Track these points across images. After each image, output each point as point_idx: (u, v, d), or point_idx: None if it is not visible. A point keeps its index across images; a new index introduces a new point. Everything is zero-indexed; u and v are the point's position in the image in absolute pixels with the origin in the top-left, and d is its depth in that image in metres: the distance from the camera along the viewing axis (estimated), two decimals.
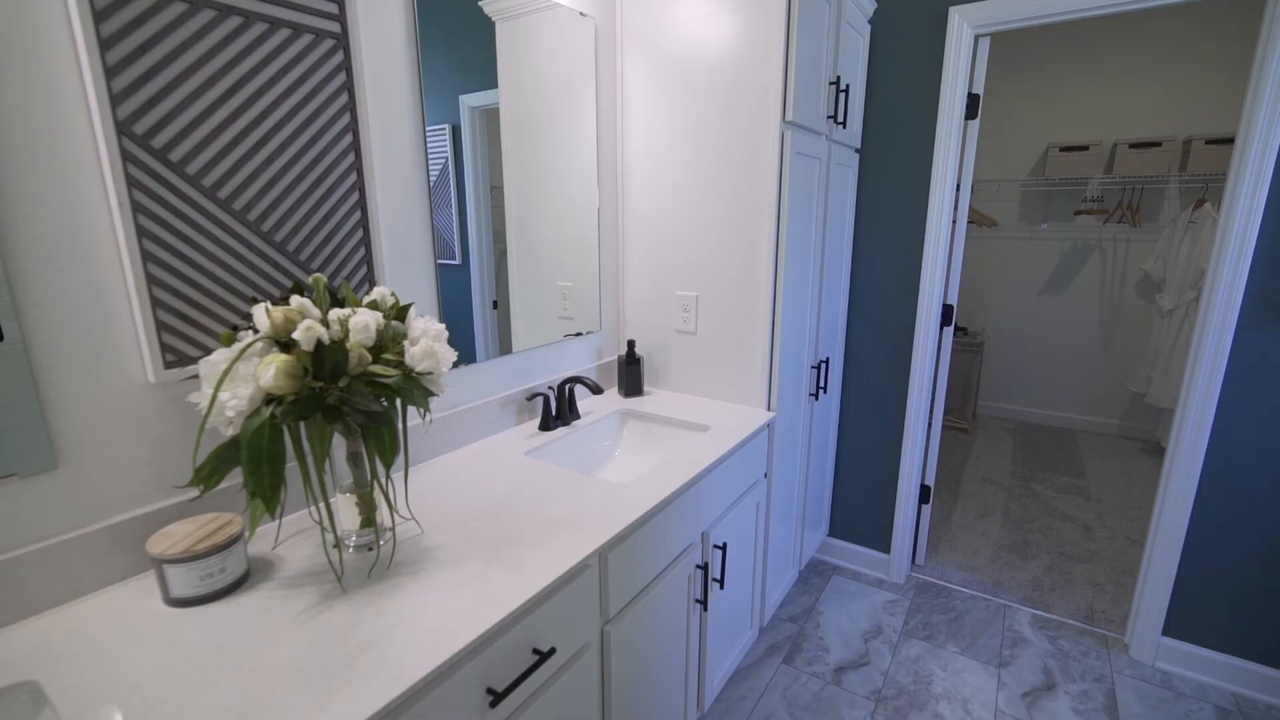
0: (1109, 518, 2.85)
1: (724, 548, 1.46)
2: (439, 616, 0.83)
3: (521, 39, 1.46)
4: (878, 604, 2.22)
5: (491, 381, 1.52)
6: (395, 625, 0.82)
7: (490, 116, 1.42)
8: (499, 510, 1.14)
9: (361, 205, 1.16)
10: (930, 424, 2.25)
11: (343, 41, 1.08)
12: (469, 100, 1.36)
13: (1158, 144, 3.42)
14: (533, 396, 1.56)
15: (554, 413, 1.59)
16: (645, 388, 1.92)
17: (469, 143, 1.37)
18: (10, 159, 0.77)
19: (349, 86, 1.11)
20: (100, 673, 0.73)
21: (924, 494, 2.34)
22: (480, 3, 1.35)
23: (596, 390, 1.54)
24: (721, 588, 1.47)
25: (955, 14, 1.87)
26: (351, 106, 1.12)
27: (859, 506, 2.39)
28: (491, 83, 1.40)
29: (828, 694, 1.81)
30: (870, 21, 2.01)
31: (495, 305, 1.50)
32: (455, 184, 1.36)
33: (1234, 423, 1.70)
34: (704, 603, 1.44)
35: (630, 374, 1.81)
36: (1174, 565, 1.83)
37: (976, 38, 1.91)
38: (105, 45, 0.81)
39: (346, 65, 1.10)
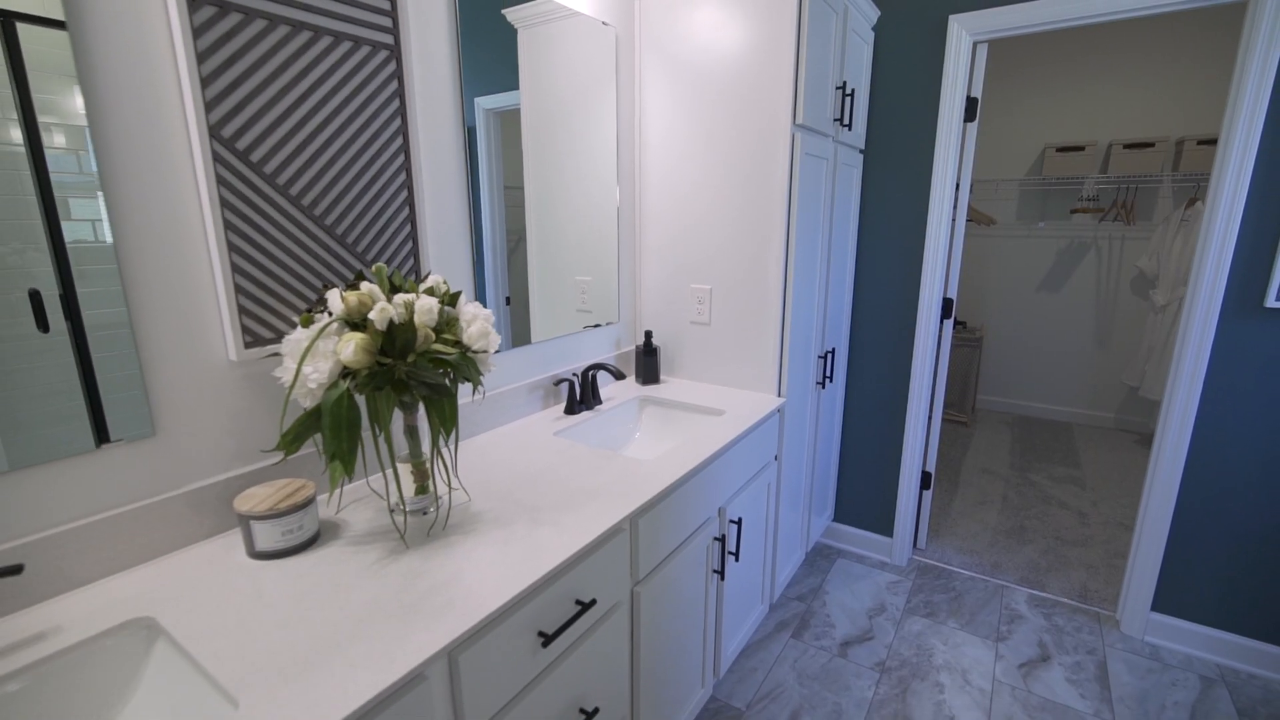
0: (1103, 505, 2.95)
1: (739, 523, 1.56)
2: (495, 567, 0.94)
3: (542, 45, 1.55)
4: (881, 584, 2.33)
5: (517, 369, 1.62)
6: (457, 575, 0.92)
7: (504, 118, 1.48)
8: (535, 482, 1.24)
9: (410, 201, 1.26)
10: (931, 412, 2.36)
11: (395, 53, 1.19)
12: (484, 103, 1.42)
13: (1151, 144, 3.53)
14: (559, 382, 1.66)
15: (578, 397, 1.69)
16: (661, 376, 2.02)
17: (484, 144, 1.44)
18: (124, 162, 0.87)
19: (400, 93, 1.21)
20: (204, 611, 0.83)
21: (925, 480, 2.45)
22: (503, 11, 1.43)
23: (619, 375, 1.64)
24: (737, 560, 1.57)
25: (955, 22, 1.97)
26: (402, 111, 1.22)
27: (863, 492, 2.49)
28: (505, 85, 1.46)
29: (835, 665, 1.91)
30: (874, 29, 2.11)
31: (508, 301, 1.56)
32: (469, 183, 1.43)
33: (1217, 408, 1.80)
34: (721, 573, 1.54)
35: (648, 363, 1.92)
36: (1162, 544, 1.94)
37: (975, 44, 2.02)
38: (201, 58, 0.91)
39: (398, 74, 1.20)
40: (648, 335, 1.91)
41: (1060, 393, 4.15)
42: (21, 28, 0.77)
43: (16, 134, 0.78)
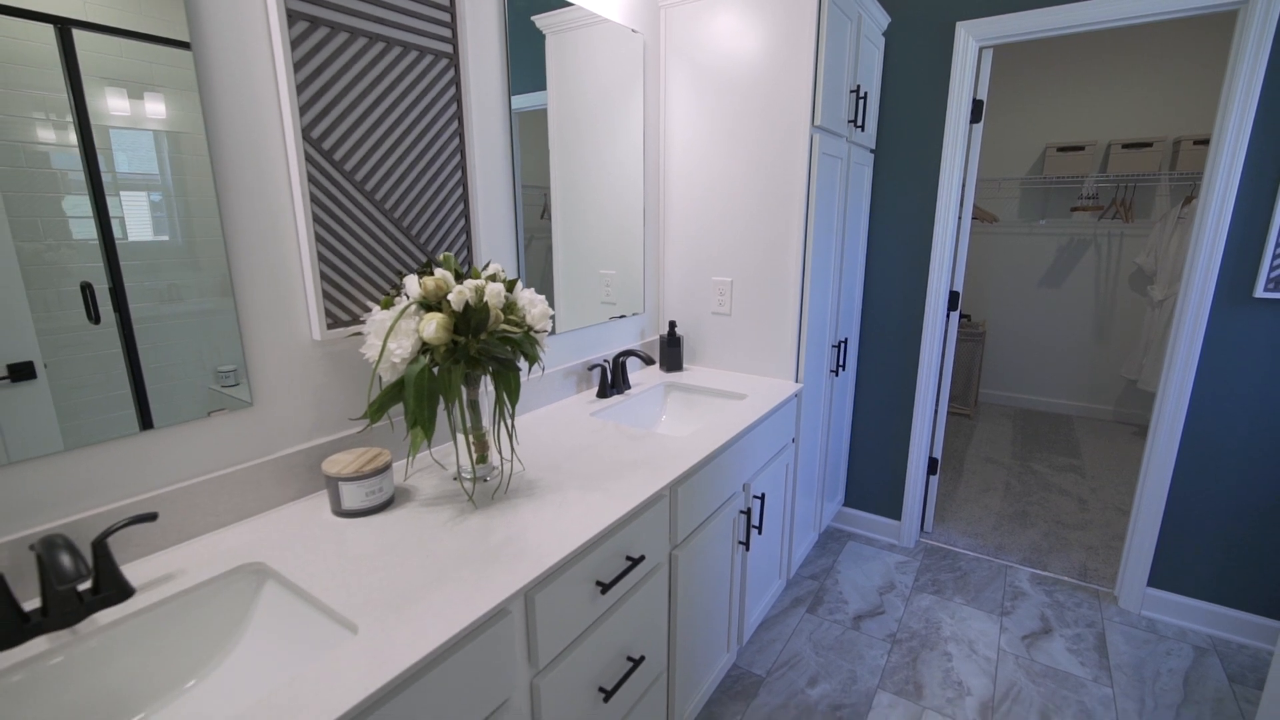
0: (1102, 492, 3.06)
1: (763, 498, 1.68)
2: (556, 525, 1.04)
3: (570, 50, 1.63)
4: (890, 564, 2.44)
5: (552, 355, 1.73)
6: (524, 530, 1.03)
7: (526, 118, 1.53)
8: (579, 455, 1.35)
9: (464, 196, 1.37)
10: (938, 400, 2.47)
11: (454, 60, 1.30)
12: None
13: (1149, 144, 3.64)
14: (593, 367, 1.77)
15: (610, 382, 1.80)
16: (684, 364, 2.13)
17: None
18: (231, 161, 0.98)
19: (457, 97, 1.32)
20: (305, 559, 0.94)
21: (932, 466, 2.56)
22: (533, 17, 1.52)
23: (649, 361, 1.75)
24: (760, 533, 1.68)
25: (962, 28, 2.08)
26: (459, 114, 1.33)
27: (872, 477, 2.60)
28: (528, 87, 1.52)
29: (848, 637, 2.02)
30: (885, 34, 2.22)
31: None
32: (514, 180, 1.52)
33: (1209, 392, 1.91)
34: (746, 543, 1.65)
35: (671, 351, 2.02)
36: (1157, 522, 2.05)
37: (980, 49, 2.13)
38: (296, 67, 1.02)
39: (456, 80, 1.31)
40: (671, 325, 2.02)
41: (1061, 386, 4.26)
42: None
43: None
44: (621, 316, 1.99)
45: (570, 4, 1.60)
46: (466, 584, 0.88)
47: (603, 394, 1.77)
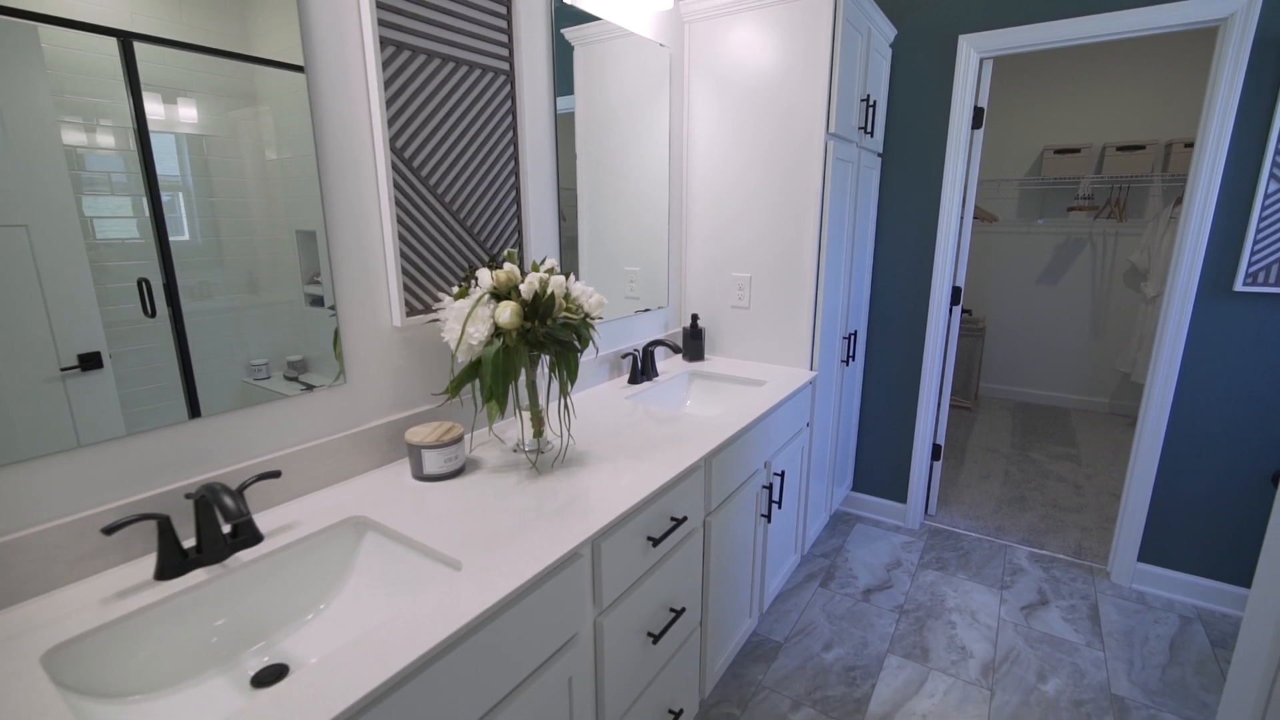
0: (1097, 478, 3.22)
1: (782, 475, 1.82)
2: (614, 486, 1.19)
3: (598, 60, 1.76)
4: (896, 544, 2.59)
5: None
6: (585, 492, 1.17)
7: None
8: (621, 432, 1.50)
9: (517, 199, 1.52)
10: (941, 389, 2.62)
11: (510, 78, 1.44)
12: None
13: (1142, 147, 3.79)
14: (625, 355, 1.92)
15: (640, 369, 1.95)
16: (705, 354, 2.28)
17: None
18: (335, 170, 1.13)
19: (513, 110, 1.47)
20: (397, 514, 1.09)
21: (936, 452, 2.71)
22: (562, 30, 1.63)
23: (676, 350, 1.90)
24: (779, 507, 1.83)
25: (964, 40, 2.23)
26: (514, 124, 1.47)
27: (879, 462, 2.75)
28: (557, 93, 1.63)
29: (859, 608, 2.17)
30: (891, 45, 2.37)
31: None
32: (557, 184, 1.66)
33: (1193, 379, 2.06)
34: (768, 516, 1.80)
35: (694, 342, 2.17)
36: (1146, 499, 2.20)
37: (981, 60, 2.27)
38: (386, 85, 1.17)
39: (512, 94, 1.45)
40: (694, 317, 2.17)
41: (1058, 379, 4.41)
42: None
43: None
44: (646, 310, 2.13)
45: (599, 19, 1.73)
46: (544, 532, 1.02)
47: (634, 380, 1.92)
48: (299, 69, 1.05)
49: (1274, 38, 1.79)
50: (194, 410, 1.00)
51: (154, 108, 0.91)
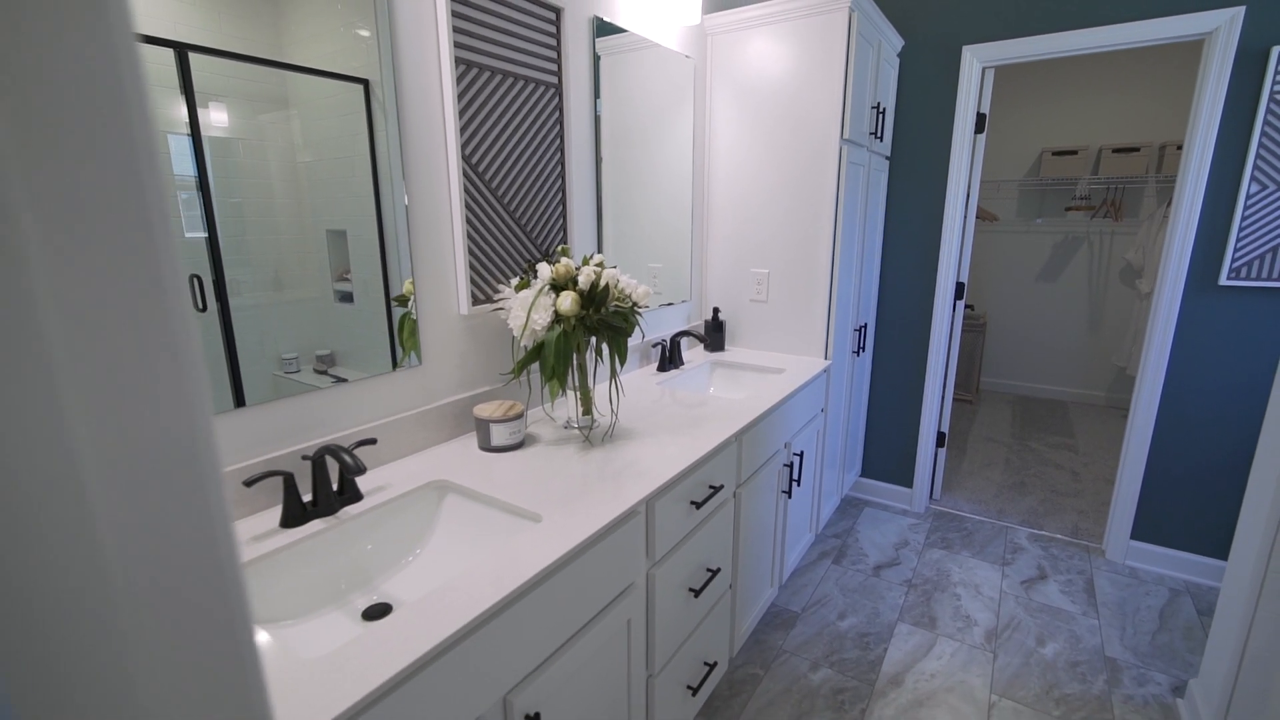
0: (1094, 466, 3.37)
1: (801, 455, 1.97)
2: (660, 456, 1.34)
3: (623, 69, 1.88)
4: (903, 526, 2.74)
5: None
6: (636, 460, 1.32)
7: None
8: (658, 412, 1.64)
9: (563, 200, 1.66)
10: (945, 378, 2.77)
11: (559, 90, 1.59)
12: None
13: (1137, 149, 3.94)
14: (655, 344, 2.06)
15: (667, 357, 2.10)
16: (725, 345, 2.43)
17: None
18: (419, 177, 1.28)
19: (561, 120, 1.61)
20: (473, 477, 1.24)
21: (940, 439, 2.86)
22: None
23: (702, 340, 2.05)
24: (799, 485, 1.98)
25: (968, 51, 2.38)
26: (561, 133, 1.62)
27: (886, 449, 2.90)
28: None
29: (870, 582, 2.32)
30: (899, 55, 2.52)
31: None
32: (596, 185, 1.82)
33: (1181, 369, 2.21)
34: (789, 493, 1.95)
35: (715, 335, 2.32)
36: (1139, 479, 2.35)
37: (984, 69, 2.42)
38: (459, 98, 1.32)
39: (560, 105, 1.60)
40: (715, 310, 2.32)
41: (1056, 373, 4.56)
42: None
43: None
44: (669, 304, 2.28)
45: (626, 30, 1.86)
46: (606, 493, 1.17)
47: (662, 368, 2.06)
48: (334, 76, 1.18)
49: (1255, 51, 1.94)
50: (239, 400, 1.05)
51: (201, 113, 0.95)
